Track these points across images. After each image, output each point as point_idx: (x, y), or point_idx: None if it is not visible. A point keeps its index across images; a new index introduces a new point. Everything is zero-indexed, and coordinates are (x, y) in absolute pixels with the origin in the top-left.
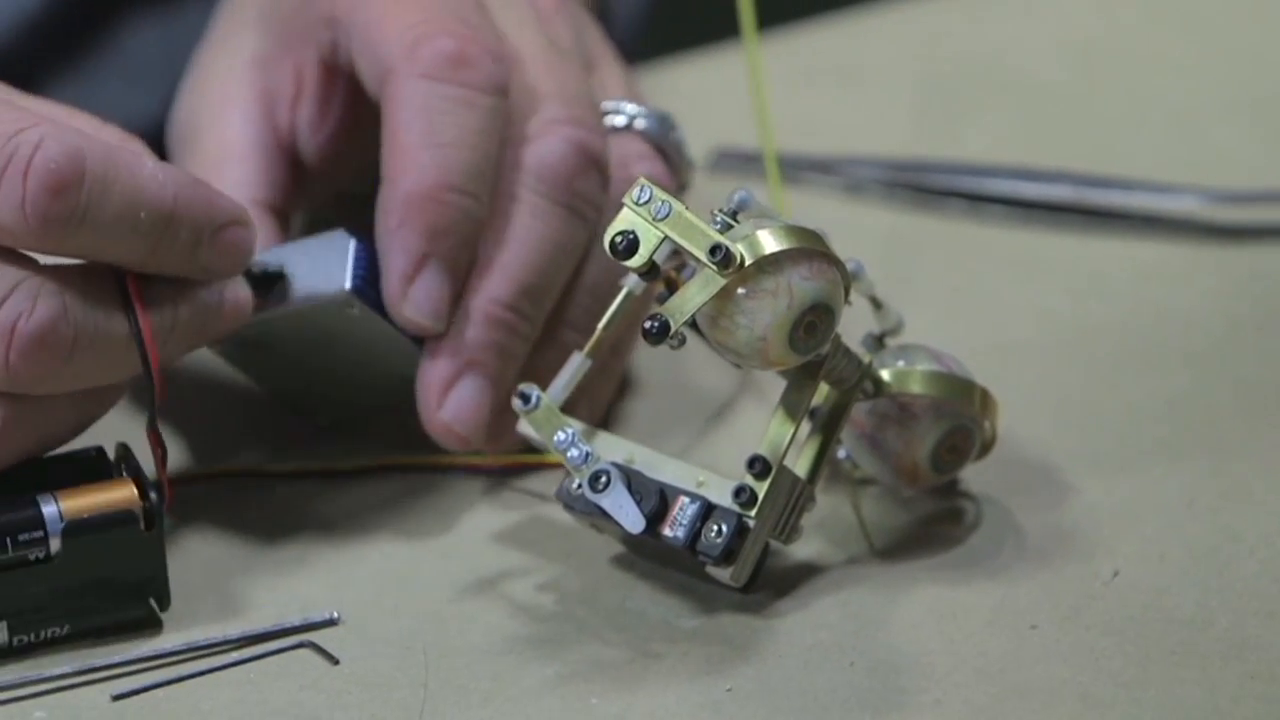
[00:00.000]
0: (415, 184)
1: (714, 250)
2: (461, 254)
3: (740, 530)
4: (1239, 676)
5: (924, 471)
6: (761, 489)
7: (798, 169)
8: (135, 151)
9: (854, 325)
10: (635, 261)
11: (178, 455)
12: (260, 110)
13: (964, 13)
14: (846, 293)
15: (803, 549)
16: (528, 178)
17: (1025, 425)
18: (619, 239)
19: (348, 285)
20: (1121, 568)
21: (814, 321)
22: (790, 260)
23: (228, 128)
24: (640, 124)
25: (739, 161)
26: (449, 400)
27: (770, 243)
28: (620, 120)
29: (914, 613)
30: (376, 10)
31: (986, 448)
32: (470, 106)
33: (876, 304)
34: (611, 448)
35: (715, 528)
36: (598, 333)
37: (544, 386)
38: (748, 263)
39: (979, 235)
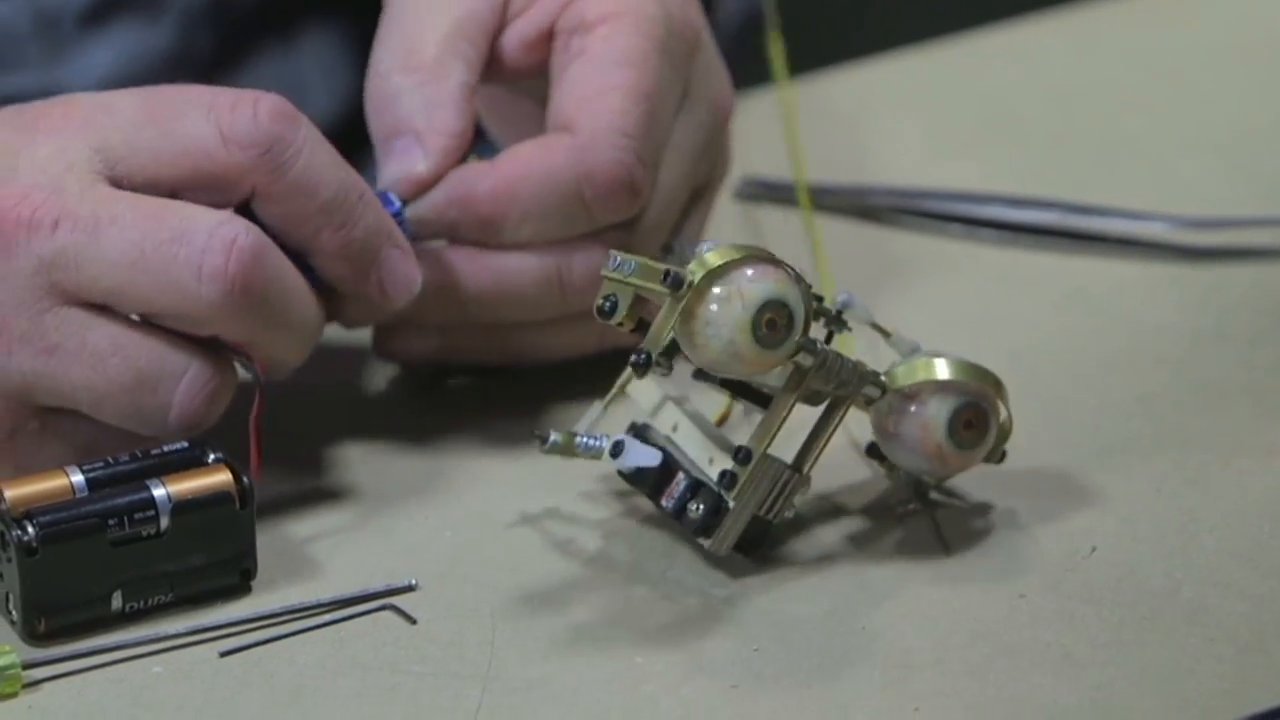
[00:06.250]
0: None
1: (665, 276)
2: None
3: (718, 509)
4: (1200, 640)
5: (948, 450)
6: (742, 475)
7: (820, 195)
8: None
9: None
10: (617, 318)
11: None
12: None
13: (963, 61)
14: (812, 297)
15: (821, 531)
16: None
17: (1016, 422)
18: (604, 303)
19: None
20: (1099, 545)
21: (773, 318)
22: (735, 267)
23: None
24: None
25: (764, 189)
26: None
27: (715, 259)
28: None
29: (917, 584)
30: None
31: (1005, 433)
32: None
33: (883, 332)
34: (665, 417)
35: (696, 505)
36: (618, 385)
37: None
38: (698, 279)
39: (975, 255)
